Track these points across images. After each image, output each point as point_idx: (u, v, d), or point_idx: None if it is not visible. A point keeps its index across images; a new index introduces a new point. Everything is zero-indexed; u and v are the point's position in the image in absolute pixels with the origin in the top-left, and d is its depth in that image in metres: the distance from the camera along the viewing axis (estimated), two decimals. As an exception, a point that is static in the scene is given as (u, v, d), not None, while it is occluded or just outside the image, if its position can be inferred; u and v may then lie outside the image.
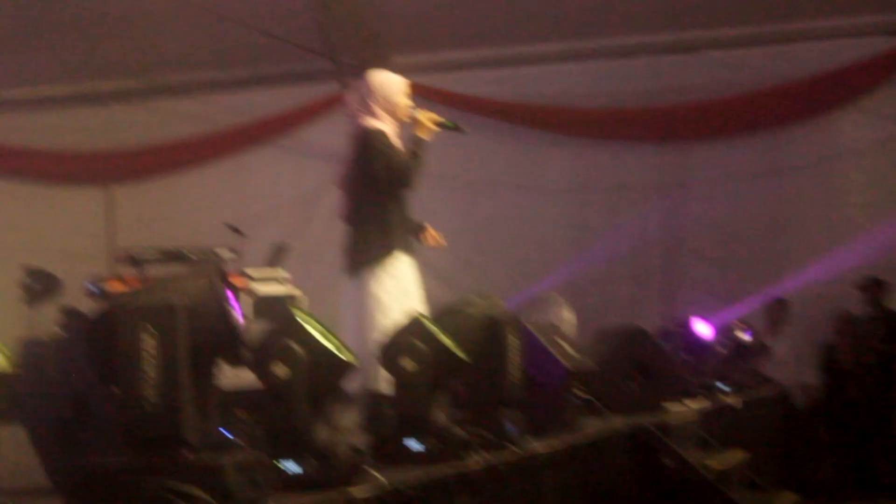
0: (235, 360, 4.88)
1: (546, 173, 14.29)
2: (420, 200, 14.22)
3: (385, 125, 7.56)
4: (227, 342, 4.02)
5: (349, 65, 14.33)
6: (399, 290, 7.34)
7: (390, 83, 7.67)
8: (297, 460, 4.46)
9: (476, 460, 5.33)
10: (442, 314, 6.35)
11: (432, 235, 8.08)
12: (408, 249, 7.61)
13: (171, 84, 14.86)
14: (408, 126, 7.70)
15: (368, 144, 7.45)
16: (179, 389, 3.62)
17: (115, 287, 10.28)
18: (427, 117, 7.64)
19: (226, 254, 11.06)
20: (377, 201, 7.55)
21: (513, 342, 6.24)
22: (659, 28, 13.91)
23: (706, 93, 14.01)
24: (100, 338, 3.75)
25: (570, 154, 14.39)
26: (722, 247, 13.98)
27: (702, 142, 14.24)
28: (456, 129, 7.90)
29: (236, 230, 12.76)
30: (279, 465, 4.36)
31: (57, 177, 15.44)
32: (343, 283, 7.59)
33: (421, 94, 14.21)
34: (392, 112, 7.59)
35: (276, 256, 12.50)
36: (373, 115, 7.55)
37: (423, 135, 7.63)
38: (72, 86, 15.15)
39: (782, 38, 13.92)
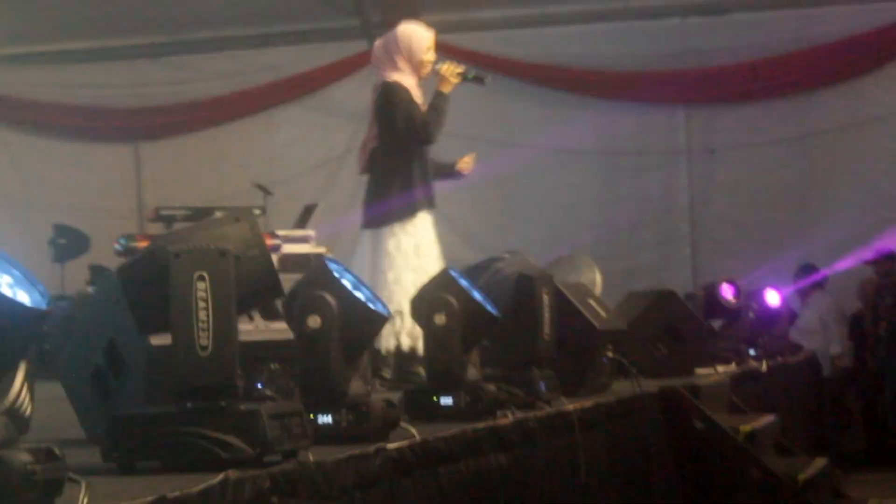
0: (271, 311, 4.86)
1: (572, 135, 14.20)
2: (449, 160, 14.32)
3: (408, 79, 7.54)
4: (268, 291, 3.98)
5: (377, 22, 14.29)
6: (413, 249, 7.31)
7: (416, 37, 7.63)
8: (331, 413, 4.43)
9: (507, 418, 5.29)
10: (472, 271, 6.32)
11: (465, 161, 8.01)
12: (428, 206, 7.57)
13: (199, 40, 14.81)
14: (432, 80, 7.64)
15: (389, 98, 7.44)
16: (231, 337, 3.58)
17: (144, 244, 10.28)
18: (449, 70, 7.60)
19: (254, 212, 11.06)
20: (398, 155, 7.51)
21: (545, 300, 6.19)
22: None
23: (733, 56, 13.95)
24: (138, 285, 3.71)
25: (596, 116, 14.32)
26: (749, 211, 13.93)
27: (729, 105, 14.17)
28: (476, 79, 7.84)
29: (264, 189, 12.78)
30: (313, 417, 4.32)
31: (85, 133, 15.44)
32: (360, 236, 7.58)
33: (448, 53, 14.36)
34: (416, 66, 7.57)
35: (304, 217, 12.51)
36: (396, 68, 7.53)
37: (445, 88, 7.59)
38: (99, 41, 15.14)
39: (810, 1, 13.82)
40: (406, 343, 7.22)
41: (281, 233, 11.33)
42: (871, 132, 13.71)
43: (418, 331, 6.15)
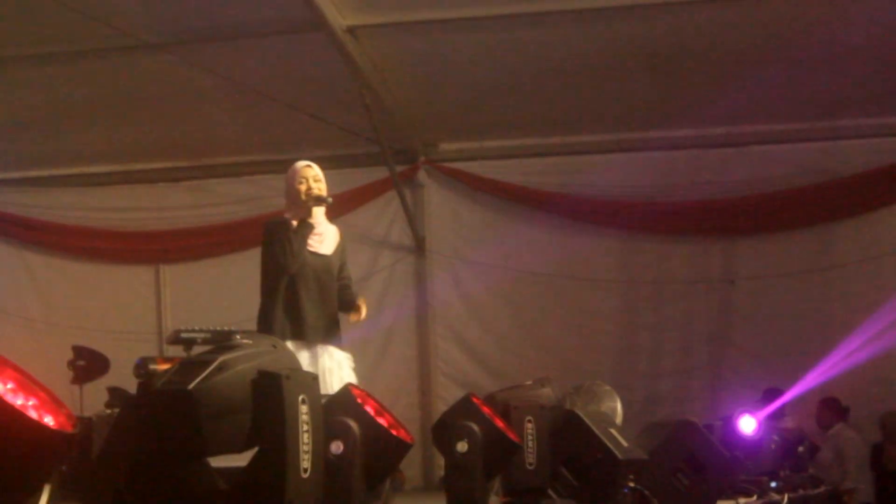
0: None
1: (592, 264, 14.22)
2: (469, 288, 14.36)
3: (292, 214, 7.98)
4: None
5: (398, 149, 14.39)
6: None
7: (291, 172, 8.16)
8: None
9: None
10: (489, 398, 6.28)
11: (357, 313, 8.21)
12: (297, 337, 7.73)
13: (219, 165, 14.91)
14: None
15: (263, 234, 7.95)
16: (321, 460, 3.58)
17: (163, 367, 10.23)
18: (308, 196, 7.88)
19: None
20: (265, 291, 7.98)
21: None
22: (705, 122, 13.88)
23: (752, 187, 13.96)
24: (213, 405, 3.69)
25: (616, 245, 14.34)
26: (769, 342, 13.86)
27: (748, 236, 14.17)
28: (324, 201, 8.14)
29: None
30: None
31: (105, 255, 15.47)
32: None
33: (466, 182, 14.47)
34: (293, 200, 8.00)
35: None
36: (286, 204, 8.08)
37: (305, 215, 7.93)
38: (120, 164, 15.23)
39: (829, 134, 13.89)
40: None
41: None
42: (890, 264, 13.68)
43: None
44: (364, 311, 8.29)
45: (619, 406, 9.22)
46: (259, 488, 3.62)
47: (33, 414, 3.32)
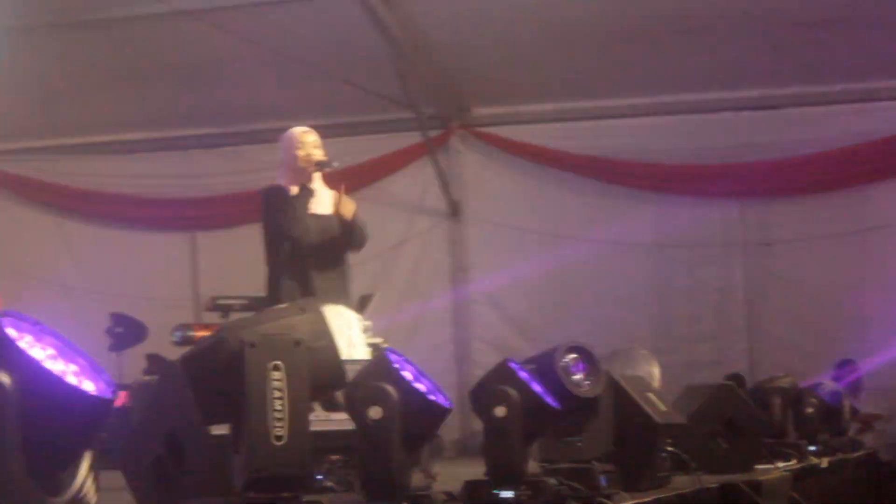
0: (332, 402, 4.84)
1: (628, 228, 14.17)
2: (504, 252, 14.35)
3: (289, 180, 7.95)
4: (334, 382, 3.96)
5: (430, 115, 14.37)
6: None
7: (287, 138, 8.15)
8: (392, 505, 4.40)
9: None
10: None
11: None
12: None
13: (254, 131, 14.91)
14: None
15: (262, 203, 7.92)
16: (306, 428, 3.56)
17: (200, 333, 10.28)
18: (308, 162, 7.84)
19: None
20: (270, 259, 7.93)
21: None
22: (740, 85, 13.80)
23: (787, 150, 13.88)
24: (205, 373, 3.69)
25: (651, 209, 14.30)
26: (805, 305, 13.81)
27: (784, 199, 14.10)
28: (328, 166, 7.98)
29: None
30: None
31: (142, 222, 15.53)
32: None
33: (500, 146, 14.44)
34: (291, 166, 7.93)
35: (360, 307, 12.48)
36: (280, 171, 7.99)
37: (306, 180, 7.94)
38: (157, 131, 15.26)
39: (864, 96, 13.78)
40: None
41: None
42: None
43: None
44: (344, 198, 8.17)
45: (656, 370, 9.20)
46: (237, 457, 3.62)
47: (73, 380, 3.32)
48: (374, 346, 11.14)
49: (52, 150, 15.61)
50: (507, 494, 5.27)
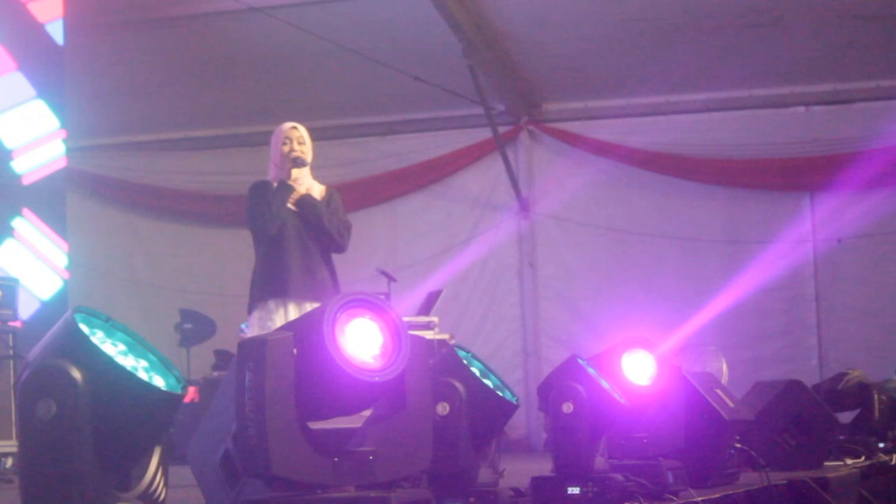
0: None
1: (697, 224, 14.12)
2: (572, 249, 14.33)
3: (273, 175, 8.00)
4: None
5: (500, 110, 14.38)
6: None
7: (276, 132, 8.12)
8: (460, 501, 4.41)
9: (635, 508, 5.23)
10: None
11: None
12: (279, 295, 7.68)
13: (324, 128, 14.97)
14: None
15: (247, 198, 7.92)
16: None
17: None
18: (286, 158, 7.92)
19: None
20: (256, 252, 7.94)
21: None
22: (812, 79, 13.71)
23: (857, 144, 13.76)
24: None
25: (721, 204, 14.23)
26: (876, 301, 13.69)
27: (854, 194, 13.96)
28: (302, 164, 8.06)
29: (388, 275, 12.82)
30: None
31: (210, 218, 15.60)
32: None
33: (569, 142, 14.42)
34: (274, 161, 8.01)
35: (428, 303, 12.53)
36: (270, 167, 8.05)
37: (286, 176, 7.96)
38: (224, 128, 15.35)
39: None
40: None
41: (405, 319, 11.33)
42: None
43: None
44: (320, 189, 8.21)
45: (724, 366, 9.16)
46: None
47: (143, 375, 3.37)
48: (441, 342, 11.22)
49: (121, 147, 15.73)
50: (574, 490, 5.28)
